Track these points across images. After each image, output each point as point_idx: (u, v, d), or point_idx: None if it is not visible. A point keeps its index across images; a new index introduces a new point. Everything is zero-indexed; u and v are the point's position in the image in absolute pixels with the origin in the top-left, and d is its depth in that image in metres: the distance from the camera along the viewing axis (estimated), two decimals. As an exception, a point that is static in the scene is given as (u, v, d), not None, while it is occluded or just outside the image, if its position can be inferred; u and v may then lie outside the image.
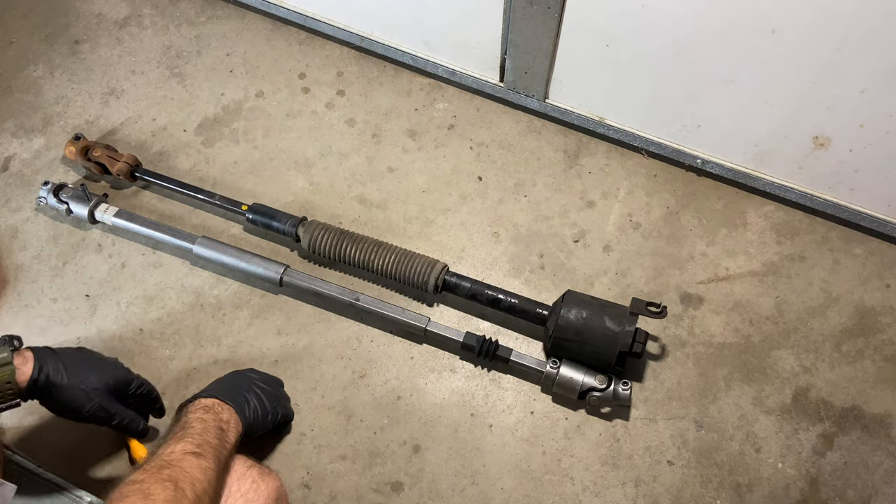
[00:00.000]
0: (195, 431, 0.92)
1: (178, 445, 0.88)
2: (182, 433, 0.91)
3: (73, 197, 1.33)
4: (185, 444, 0.88)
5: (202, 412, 0.98)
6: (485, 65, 1.44)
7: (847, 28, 1.02)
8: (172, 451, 0.87)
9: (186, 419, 0.96)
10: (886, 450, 1.18)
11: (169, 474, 0.82)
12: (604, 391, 1.15)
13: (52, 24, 1.62)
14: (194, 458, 0.87)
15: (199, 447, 0.89)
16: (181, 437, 0.90)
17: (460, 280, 1.24)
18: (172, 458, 0.85)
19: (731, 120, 1.27)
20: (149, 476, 0.81)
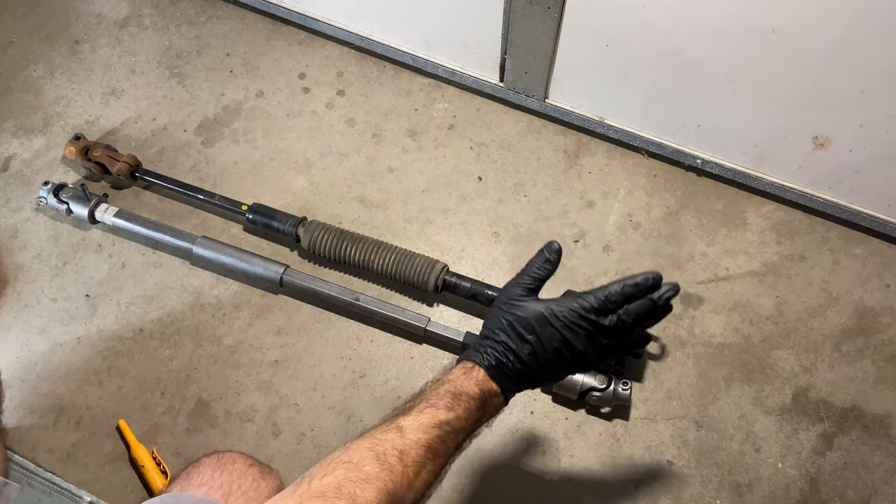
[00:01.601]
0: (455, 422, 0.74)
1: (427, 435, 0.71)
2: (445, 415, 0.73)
3: (73, 197, 1.33)
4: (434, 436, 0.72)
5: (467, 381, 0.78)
6: (485, 65, 1.44)
7: (847, 28, 1.02)
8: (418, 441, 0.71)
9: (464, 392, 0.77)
10: (886, 450, 1.18)
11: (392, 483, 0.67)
12: (604, 391, 1.15)
13: (52, 24, 1.62)
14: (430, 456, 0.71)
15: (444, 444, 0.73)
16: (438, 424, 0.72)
17: (460, 280, 1.24)
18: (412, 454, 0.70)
19: (731, 120, 1.27)
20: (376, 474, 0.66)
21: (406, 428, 0.71)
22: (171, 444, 1.19)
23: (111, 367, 1.25)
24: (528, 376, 0.83)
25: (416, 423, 0.72)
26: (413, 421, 0.72)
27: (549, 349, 0.81)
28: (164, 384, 1.24)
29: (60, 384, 1.23)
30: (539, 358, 0.81)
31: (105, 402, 1.22)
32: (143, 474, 1.15)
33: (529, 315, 0.81)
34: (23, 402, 1.21)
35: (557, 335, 0.80)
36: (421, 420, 0.72)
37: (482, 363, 0.80)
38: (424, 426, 0.72)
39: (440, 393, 0.76)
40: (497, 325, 0.82)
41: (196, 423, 1.21)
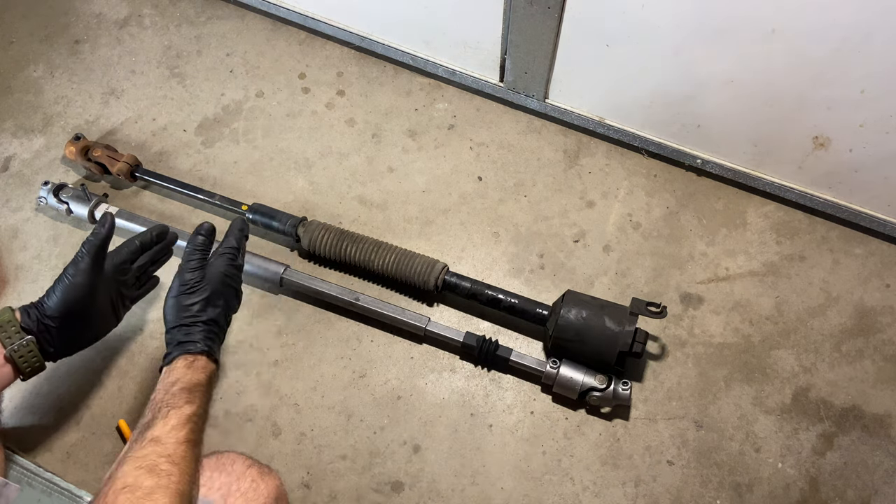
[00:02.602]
0: (199, 409, 0.84)
1: (183, 431, 0.80)
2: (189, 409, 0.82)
3: (73, 197, 1.33)
4: (189, 430, 0.80)
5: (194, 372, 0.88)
6: (485, 65, 1.44)
7: (847, 28, 1.02)
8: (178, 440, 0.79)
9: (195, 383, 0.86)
10: (886, 450, 1.18)
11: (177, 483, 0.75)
12: (604, 391, 1.15)
13: (52, 24, 1.62)
14: (192, 448, 0.80)
15: (200, 430, 0.82)
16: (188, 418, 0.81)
17: (460, 280, 1.24)
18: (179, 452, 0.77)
19: (731, 120, 1.27)
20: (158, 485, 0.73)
21: (160, 436, 0.78)
22: (171, 444, 1.19)
23: (111, 367, 1.25)
24: (224, 333, 0.97)
25: (167, 428, 0.79)
26: (163, 427, 0.79)
27: (232, 302, 0.99)
28: (164, 384, 1.24)
29: (60, 384, 1.23)
30: (228, 313, 0.98)
31: (105, 402, 1.22)
32: (143, 474, 1.14)
33: (217, 285, 0.96)
34: (23, 402, 1.21)
35: (232, 289, 0.98)
36: (171, 423, 0.79)
37: (200, 350, 0.90)
38: (176, 426, 0.79)
39: (174, 393, 0.84)
40: (196, 307, 0.93)
41: (196, 423, 1.21)
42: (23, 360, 0.95)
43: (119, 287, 1.08)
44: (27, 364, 0.96)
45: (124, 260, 1.08)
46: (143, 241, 1.10)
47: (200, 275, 0.96)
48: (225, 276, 0.97)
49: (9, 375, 0.96)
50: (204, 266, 0.97)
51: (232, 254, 1.00)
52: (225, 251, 0.99)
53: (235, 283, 0.99)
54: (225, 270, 0.97)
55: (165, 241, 1.14)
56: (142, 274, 1.13)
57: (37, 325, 0.97)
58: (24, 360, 0.95)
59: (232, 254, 1.00)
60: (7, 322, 0.95)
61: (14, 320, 0.96)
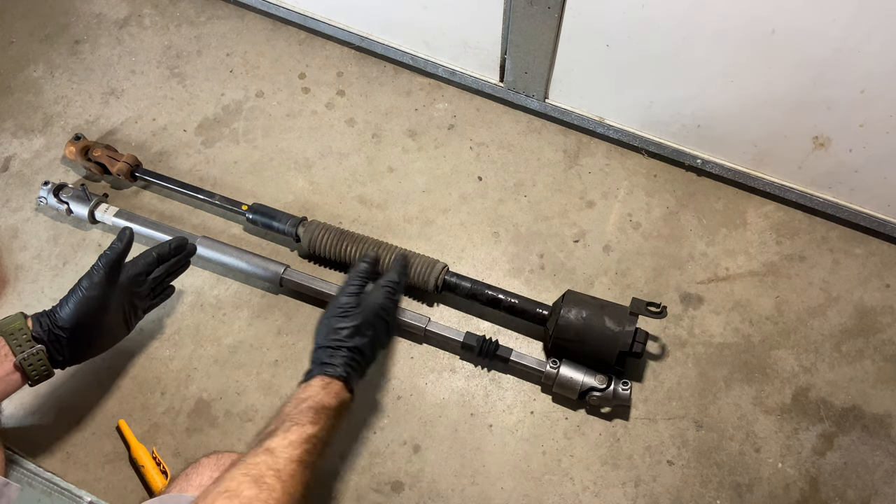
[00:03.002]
0: (320, 433, 0.82)
1: (298, 451, 0.78)
2: (311, 430, 0.81)
3: (73, 197, 1.33)
4: (304, 451, 0.79)
5: (326, 395, 0.87)
6: (485, 65, 1.44)
7: (847, 28, 1.02)
8: (290, 458, 0.77)
9: (324, 405, 0.85)
10: (886, 450, 1.18)
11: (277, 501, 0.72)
12: (604, 391, 1.15)
13: (52, 24, 1.62)
14: (303, 469, 0.78)
15: (314, 455, 0.81)
16: (306, 438, 0.80)
17: (460, 280, 1.24)
18: (287, 469, 0.75)
19: (731, 120, 1.27)
20: (258, 496, 0.71)
21: (276, 448, 0.77)
22: (171, 444, 1.19)
23: (111, 367, 1.25)
24: (368, 367, 0.97)
25: (285, 442, 0.78)
26: (282, 440, 0.78)
27: (381, 335, 0.99)
28: (164, 384, 1.24)
29: (60, 384, 1.23)
30: (375, 347, 0.98)
31: (105, 402, 1.22)
32: (143, 474, 1.15)
33: (370, 315, 0.96)
34: (23, 402, 1.21)
35: (384, 322, 0.99)
36: (290, 438, 0.78)
37: (338, 375, 0.89)
38: (294, 443, 0.78)
39: (302, 410, 0.83)
40: (346, 332, 0.94)
41: (196, 423, 1.21)
42: (32, 369, 0.97)
43: (133, 298, 1.10)
44: (35, 372, 0.98)
45: (140, 272, 1.10)
46: (161, 253, 1.12)
47: (356, 301, 0.97)
48: (380, 308, 0.97)
49: (17, 382, 0.97)
50: (361, 293, 0.98)
51: (392, 288, 1.01)
52: (385, 284, 1.01)
53: (388, 318, 0.99)
54: (381, 303, 0.98)
55: (184, 253, 1.17)
56: (157, 285, 1.15)
57: (48, 334, 0.99)
58: (32, 369, 0.97)
59: (392, 288, 1.01)
60: (18, 330, 0.96)
61: (26, 328, 0.97)
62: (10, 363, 0.95)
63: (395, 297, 1.01)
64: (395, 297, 1.01)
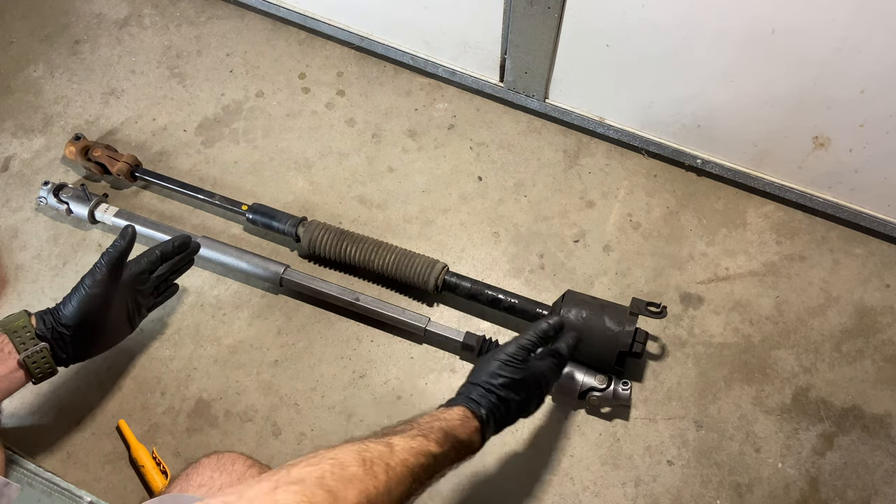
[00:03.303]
0: (439, 456, 0.77)
1: (413, 458, 0.74)
2: (436, 449, 0.77)
3: (73, 197, 1.33)
4: (417, 462, 0.74)
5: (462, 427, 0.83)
6: (485, 65, 1.44)
7: (847, 28, 1.02)
8: (405, 461, 0.73)
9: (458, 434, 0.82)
10: (886, 450, 1.18)
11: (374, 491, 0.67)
12: (604, 391, 1.15)
13: (52, 24, 1.62)
14: (410, 479, 0.73)
15: (423, 470, 0.75)
16: (426, 453, 0.75)
17: (460, 280, 1.24)
18: (396, 467, 0.71)
19: (731, 120, 1.27)
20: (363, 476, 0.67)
21: (396, 446, 0.73)
22: (171, 444, 1.19)
23: (111, 367, 1.25)
24: (504, 427, 0.92)
25: (406, 445, 0.74)
26: (404, 442, 0.74)
27: (532, 402, 0.94)
28: (164, 384, 1.24)
29: (60, 384, 1.23)
30: (521, 410, 0.93)
31: (105, 402, 1.22)
32: (143, 474, 1.15)
33: (530, 377, 0.92)
34: (23, 402, 1.21)
35: (539, 391, 0.94)
36: (412, 444, 0.75)
37: (480, 415, 0.86)
38: (414, 451, 0.74)
39: (433, 427, 0.79)
40: (502, 381, 0.89)
41: (196, 423, 1.21)
42: (35, 367, 0.97)
43: (136, 296, 1.10)
44: (39, 370, 0.98)
45: (143, 270, 1.10)
46: (164, 252, 1.12)
47: (525, 356, 0.93)
48: (541, 376, 0.94)
49: (21, 380, 0.97)
50: (533, 349, 0.95)
51: (561, 360, 0.98)
52: (555, 354, 0.97)
53: (546, 388, 0.96)
54: (545, 371, 0.95)
55: (187, 251, 1.17)
56: (161, 283, 1.15)
57: (51, 332, 0.99)
58: (36, 367, 0.97)
59: (561, 360, 0.98)
60: (22, 328, 0.97)
61: (29, 326, 0.97)
62: (13, 361, 0.96)
63: (560, 369, 0.98)
64: (559, 368, 0.98)
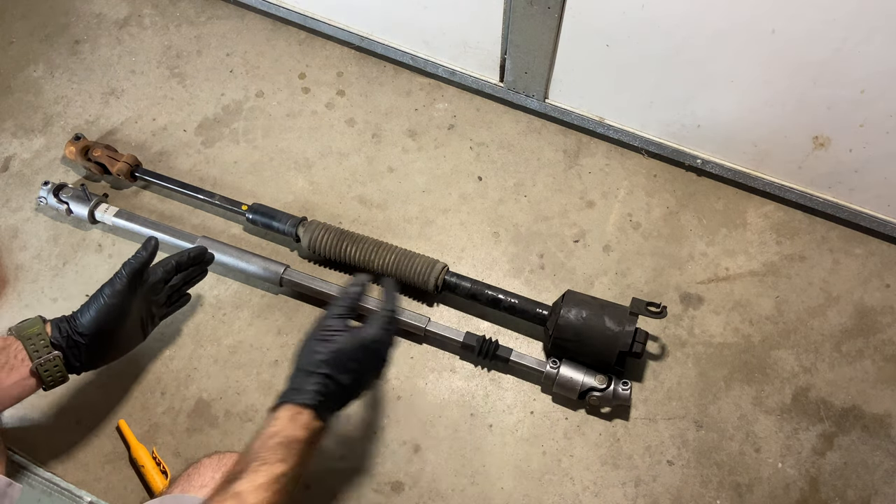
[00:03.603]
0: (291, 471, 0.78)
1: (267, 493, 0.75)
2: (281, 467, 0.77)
3: (73, 197, 1.33)
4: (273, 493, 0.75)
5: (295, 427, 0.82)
6: (485, 65, 1.44)
7: (847, 28, 1.02)
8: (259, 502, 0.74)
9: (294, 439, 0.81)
10: (886, 450, 1.18)
11: None
12: (604, 391, 1.15)
13: (52, 24, 1.62)
14: None
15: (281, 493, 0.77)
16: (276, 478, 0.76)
17: (460, 280, 1.24)
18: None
19: (731, 120, 1.27)
20: None
21: (244, 492, 0.73)
22: (171, 444, 1.19)
23: (111, 367, 1.24)
24: (348, 400, 0.89)
25: (254, 486, 0.74)
26: (250, 483, 0.74)
27: (369, 370, 0.90)
28: (164, 384, 1.24)
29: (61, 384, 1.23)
30: (360, 381, 0.90)
31: (105, 402, 1.22)
32: (143, 474, 1.15)
33: (357, 345, 0.87)
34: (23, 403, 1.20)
35: (376, 355, 0.90)
36: (258, 481, 0.75)
37: (306, 404, 0.83)
38: (263, 486, 0.74)
39: (271, 447, 0.78)
40: (323, 358, 0.86)
41: (196, 423, 1.21)
42: (48, 375, 0.97)
43: (150, 306, 1.11)
44: (51, 378, 0.98)
45: (159, 280, 1.11)
46: (180, 262, 1.13)
47: (341, 324, 0.89)
48: (372, 341, 0.89)
49: (32, 387, 0.97)
50: (347, 316, 0.91)
51: (390, 319, 0.93)
52: (385, 313, 0.93)
53: (383, 351, 0.92)
54: (375, 334, 0.90)
55: (203, 262, 1.18)
56: (174, 293, 1.16)
57: (67, 340, 0.99)
58: (48, 375, 0.97)
59: (390, 319, 0.93)
60: (37, 335, 0.96)
61: (44, 333, 0.97)
62: (26, 368, 0.95)
63: (392, 327, 0.93)
64: (391, 327, 0.93)
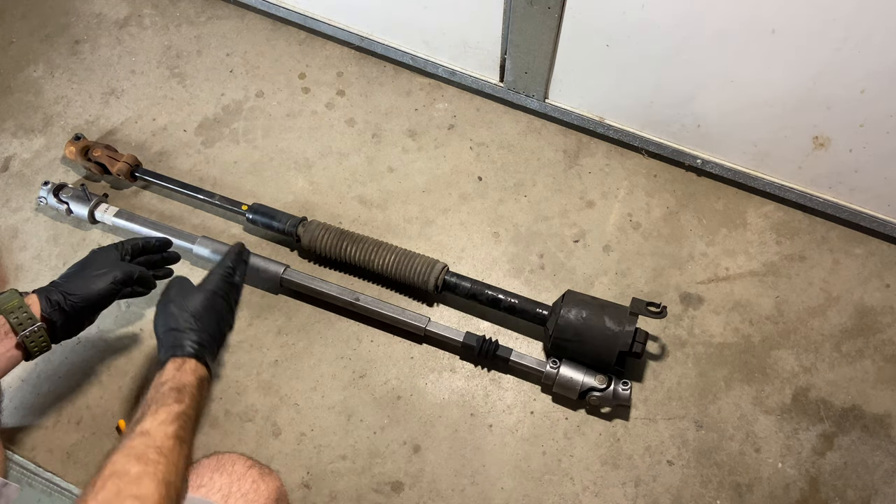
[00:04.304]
0: (189, 409, 0.85)
1: (172, 427, 0.81)
2: (177, 407, 0.84)
3: (73, 197, 1.33)
4: (178, 427, 0.82)
5: (183, 374, 0.90)
6: (485, 65, 1.44)
7: (847, 28, 1.02)
8: (166, 435, 0.81)
9: (184, 384, 0.88)
10: (886, 450, 1.18)
11: (164, 472, 0.77)
12: (604, 391, 1.15)
13: (52, 24, 1.62)
14: (180, 444, 0.81)
15: (189, 430, 0.84)
16: (177, 415, 0.83)
17: (460, 280, 1.24)
18: (167, 445, 0.80)
19: (731, 120, 1.27)
20: (145, 472, 0.75)
21: (149, 429, 0.79)
22: (171, 444, 1.19)
23: (111, 367, 1.25)
24: (219, 344, 0.98)
25: (156, 423, 0.80)
26: (153, 421, 0.80)
27: (224, 316, 0.99)
28: (164, 384, 1.24)
29: (60, 384, 1.23)
30: (221, 328, 0.98)
31: (105, 402, 1.22)
32: (143, 474, 1.15)
33: (203, 299, 0.97)
34: (23, 402, 1.21)
35: (223, 301, 0.99)
36: (160, 418, 0.81)
37: (189, 354, 0.92)
38: (165, 421, 0.81)
39: (164, 392, 0.85)
40: (185, 316, 0.95)
41: (196, 423, 1.21)
42: (34, 346, 1.00)
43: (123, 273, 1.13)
44: (37, 348, 1.00)
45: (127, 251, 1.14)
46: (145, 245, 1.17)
47: (189, 285, 0.99)
48: (214, 292, 0.99)
49: (17, 358, 1.00)
50: (188, 281, 1.01)
51: (226, 272, 1.02)
52: (220, 268, 1.03)
53: (228, 299, 1.01)
54: (215, 286, 1.00)
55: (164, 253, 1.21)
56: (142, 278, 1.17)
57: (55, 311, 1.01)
58: (34, 346, 1.00)
59: (226, 272, 1.02)
60: (18, 308, 0.99)
61: (25, 305, 1.00)
62: (11, 341, 0.98)
63: (233, 279, 1.03)
64: (232, 279, 1.03)
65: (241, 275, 1.06)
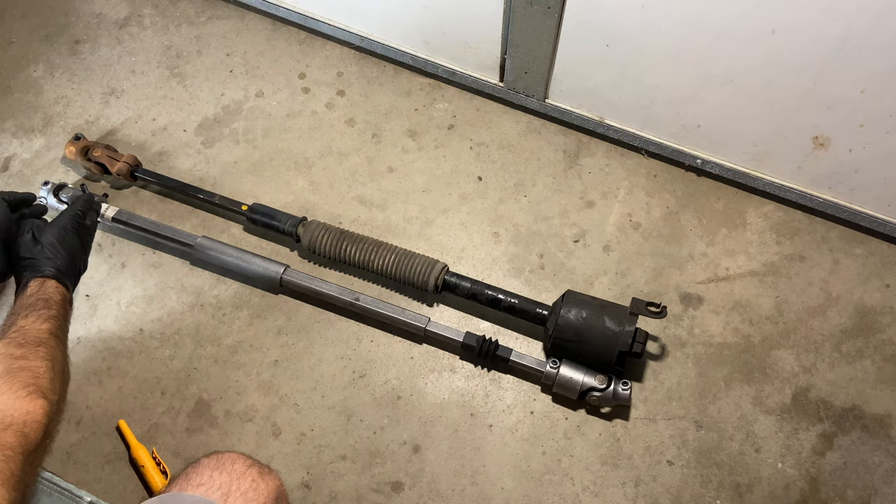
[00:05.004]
0: (58, 316, 0.90)
1: (45, 325, 0.87)
2: (46, 312, 0.89)
3: (73, 197, 1.33)
4: (50, 325, 0.87)
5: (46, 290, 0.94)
6: (485, 65, 1.44)
7: (847, 28, 1.02)
8: (40, 330, 0.86)
9: (49, 297, 0.92)
10: (886, 450, 1.18)
11: (46, 353, 0.84)
12: (604, 391, 1.15)
13: (52, 24, 1.62)
14: (59, 342, 0.87)
15: (61, 331, 0.89)
16: (47, 318, 0.88)
17: (460, 280, 1.24)
18: (43, 336, 0.85)
19: (731, 120, 1.27)
20: (29, 352, 0.82)
21: (26, 327, 0.85)
22: (171, 444, 1.19)
23: (111, 367, 1.25)
24: (75, 278, 1.00)
25: (31, 322, 0.85)
26: (25, 321, 0.85)
27: (76, 246, 1.01)
28: (164, 384, 1.24)
29: (60, 384, 1.23)
30: (76, 255, 1.01)
31: (105, 402, 1.22)
32: (143, 474, 1.15)
33: (56, 229, 1.00)
34: (23, 402, 1.21)
35: (78, 238, 1.02)
36: (31, 318, 0.86)
37: (48, 275, 0.95)
38: (38, 319, 0.86)
39: (31, 302, 0.89)
40: (40, 246, 0.97)
41: (196, 423, 1.21)
42: None
43: None
44: None
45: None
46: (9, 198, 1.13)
47: (41, 221, 1.02)
48: (66, 227, 1.01)
49: None
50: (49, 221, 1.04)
51: (76, 213, 1.05)
52: (70, 210, 1.06)
53: (80, 238, 1.03)
54: (66, 222, 1.02)
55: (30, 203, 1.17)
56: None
57: None
58: None
59: (76, 213, 1.05)
60: None
61: None
62: None
63: (84, 221, 1.05)
64: (82, 221, 1.05)
65: (92, 221, 1.09)
